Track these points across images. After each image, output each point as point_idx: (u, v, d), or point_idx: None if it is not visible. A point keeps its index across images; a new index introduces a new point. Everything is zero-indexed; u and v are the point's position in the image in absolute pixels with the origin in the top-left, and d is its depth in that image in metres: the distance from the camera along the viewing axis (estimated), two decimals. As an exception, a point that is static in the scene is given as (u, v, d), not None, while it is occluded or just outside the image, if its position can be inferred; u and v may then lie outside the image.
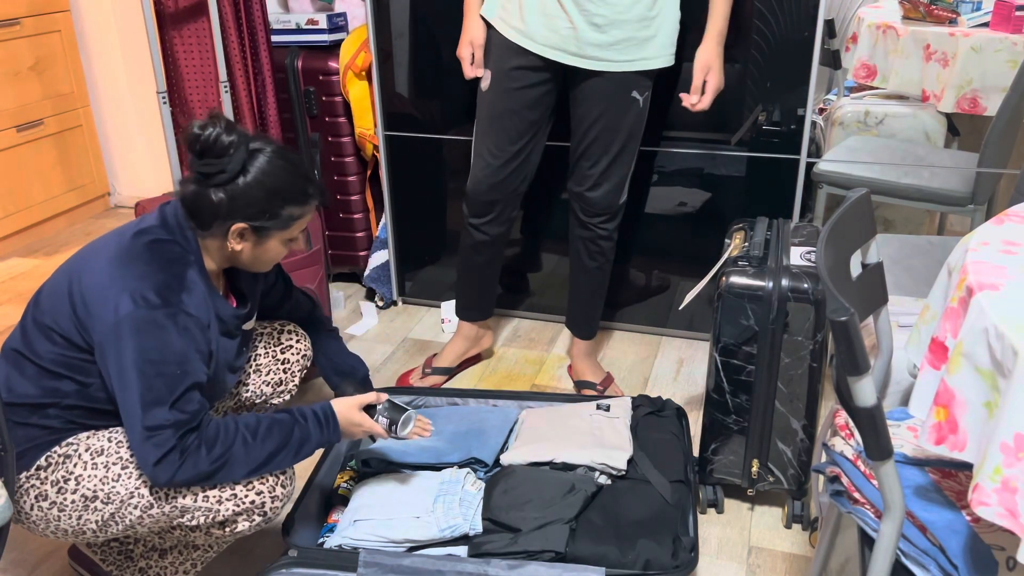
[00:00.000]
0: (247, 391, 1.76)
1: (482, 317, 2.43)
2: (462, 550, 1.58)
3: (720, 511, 1.90)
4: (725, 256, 1.82)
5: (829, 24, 3.12)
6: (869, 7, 3.18)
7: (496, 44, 2.03)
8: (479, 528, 1.58)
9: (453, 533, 1.57)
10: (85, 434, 1.45)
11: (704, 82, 2.00)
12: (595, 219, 2.15)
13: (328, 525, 1.68)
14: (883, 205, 2.94)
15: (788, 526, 1.85)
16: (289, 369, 1.80)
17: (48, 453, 1.44)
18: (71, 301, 1.39)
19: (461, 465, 1.76)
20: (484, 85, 2.08)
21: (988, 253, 1.08)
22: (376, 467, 1.76)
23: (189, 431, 1.36)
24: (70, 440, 1.45)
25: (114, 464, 1.42)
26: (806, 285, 1.69)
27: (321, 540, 1.63)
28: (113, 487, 1.41)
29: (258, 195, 1.41)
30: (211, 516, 1.42)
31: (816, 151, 2.75)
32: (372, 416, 1.60)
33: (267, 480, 1.45)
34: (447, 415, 1.93)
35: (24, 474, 1.43)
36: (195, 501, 1.41)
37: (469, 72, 2.11)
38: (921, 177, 2.54)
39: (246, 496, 1.43)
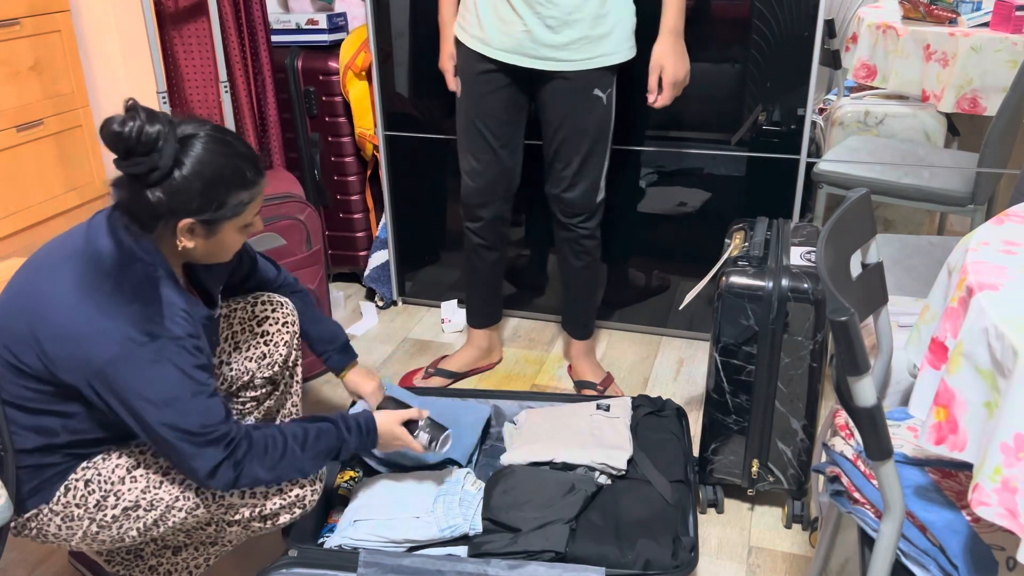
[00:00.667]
0: (230, 371, 1.72)
1: (488, 323, 2.44)
2: (462, 550, 1.58)
3: (720, 511, 1.90)
4: (725, 256, 1.82)
5: (829, 24, 3.12)
6: (869, 7, 3.18)
7: (462, 52, 2.07)
8: (479, 528, 1.58)
9: (453, 533, 1.57)
10: (98, 458, 1.42)
11: (661, 79, 1.98)
12: (574, 219, 2.16)
13: (328, 525, 1.68)
14: (883, 205, 2.94)
15: (788, 526, 1.85)
16: (271, 340, 1.74)
17: (66, 481, 1.40)
18: (36, 343, 1.28)
19: (436, 467, 1.77)
20: (459, 93, 2.12)
21: (988, 253, 1.08)
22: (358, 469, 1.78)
23: (230, 441, 1.35)
24: (85, 465, 1.41)
25: (153, 474, 1.41)
26: (806, 285, 1.69)
27: (321, 540, 1.63)
28: (156, 494, 1.41)
29: (198, 187, 1.28)
30: (256, 510, 1.45)
31: (816, 151, 2.75)
32: (412, 432, 1.63)
33: (308, 474, 1.49)
34: (421, 407, 1.94)
35: (45, 506, 1.39)
36: (243, 498, 1.43)
37: (453, 84, 2.15)
38: (921, 177, 2.54)
39: (291, 491, 1.46)
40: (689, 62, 1.98)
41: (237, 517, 1.45)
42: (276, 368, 1.78)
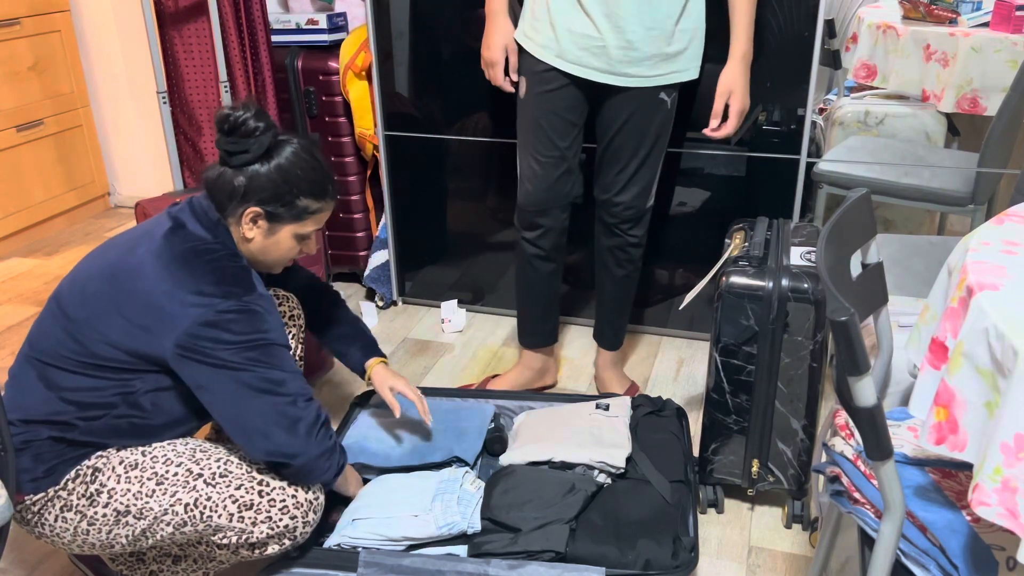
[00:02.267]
0: None
1: (545, 343, 2.29)
2: (461, 549, 1.58)
3: (720, 511, 1.90)
4: (725, 256, 1.82)
5: (829, 24, 3.12)
6: (869, 7, 3.18)
7: (526, 57, 1.99)
8: (477, 526, 1.58)
9: (451, 531, 1.57)
10: (112, 449, 1.45)
11: (727, 105, 1.94)
12: (624, 225, 2.09)
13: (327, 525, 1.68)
14: (883, 205, 2.94)
15: (788, 526, 1.86)
16: None
17: (78, 467, 1.43)
18: (121, 315, 1.38)
19: (443, 464, 1.77)
20: (522, 92, 2.02)
21: (988, 253, 1.08)
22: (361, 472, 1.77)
23: (312, 402, 1.46)
24: (101, 453, 1.44)
25: (148, 479, 1.41)
26: (806, 285, 1.69)
27: (322, 540, 1.63)
28: (147, 503, 1.40)
29: (275, 179, 1.43)
30: (243, 537, 1.42)
31: (816, 151, 2.75)
32: None
33: (301, 505, 1.45)
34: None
35: (52, 488, 1.42)
36: (230, 522, 1.41)
37: (501, 80, 2.03)
38: (921, 177, 2.54)
39: (280, 520, 1.43)
40: (748, 90, 1.97)
41: (225, 541, 1.43)
42: None
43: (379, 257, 2.85)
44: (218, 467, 1.43)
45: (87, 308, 1.40)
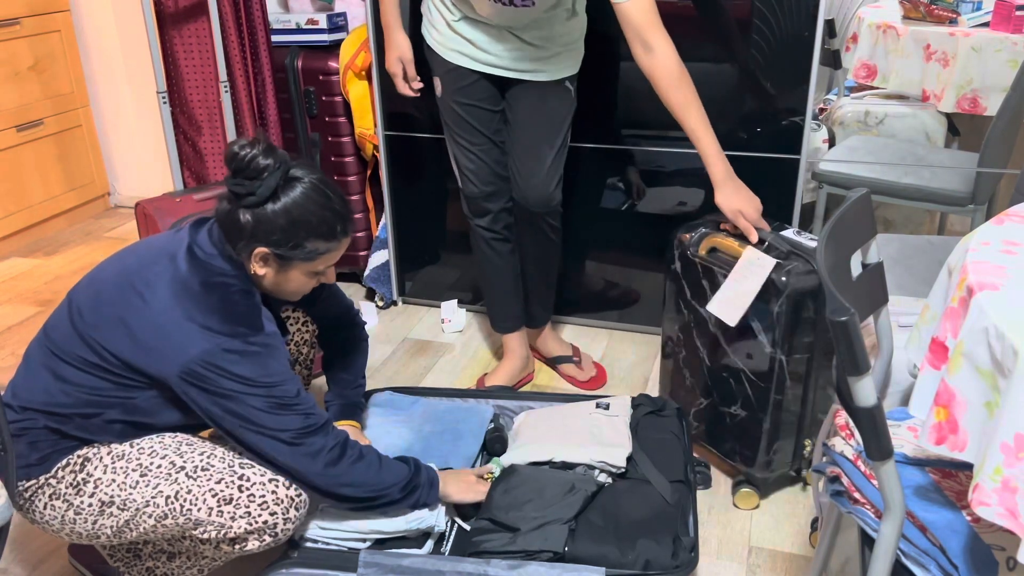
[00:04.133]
0: None
1: (519, 325, 2.37)
2: (424, 550, 1.58)
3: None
4: (745, 259, 1.78)
5: (829, 24, 3.12)
6: (869, 7, 3.19)
7: (436, 59, 2.08)
8: (442, 526, 1.58)
9: (419, 525, 1.57)
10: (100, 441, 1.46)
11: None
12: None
13: None
14: (883, 205, 2.94)
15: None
16: (291, 340, 1.80)
17: (69, 456, 1.44)
18: (127, 329, 1.38)
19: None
20: (439, 91, 2.12)
21: (988, 253, 1.08)
22: None
23: (330, 429, 1.46)
24: (93, 443, 1.45)
25: (133, 471, 1.42)
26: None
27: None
28: (130, 494, 1.41)
29: (282, 223, 1.40)
30: (223, 532, 1.41)
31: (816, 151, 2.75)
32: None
33: (281, 502, 1.44)
34: (423, 413, 1.94)
35: (43, 476, 1.43)
36: (209, 516, 1.40)
37: (404, 88, 2.16)
38: (921, 177, 2.54)
39: (259, 516, 1.42)
40: (750, 191, 1.89)
41: (205, 535, 1.42)
42: (296, 367, 1.79)
43: (379, 257, 2.85)
44: (201, 460, 1.43)
45: (97, 313, 1.41)
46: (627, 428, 1.83)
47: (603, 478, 1.71)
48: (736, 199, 1.85)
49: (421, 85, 2.16)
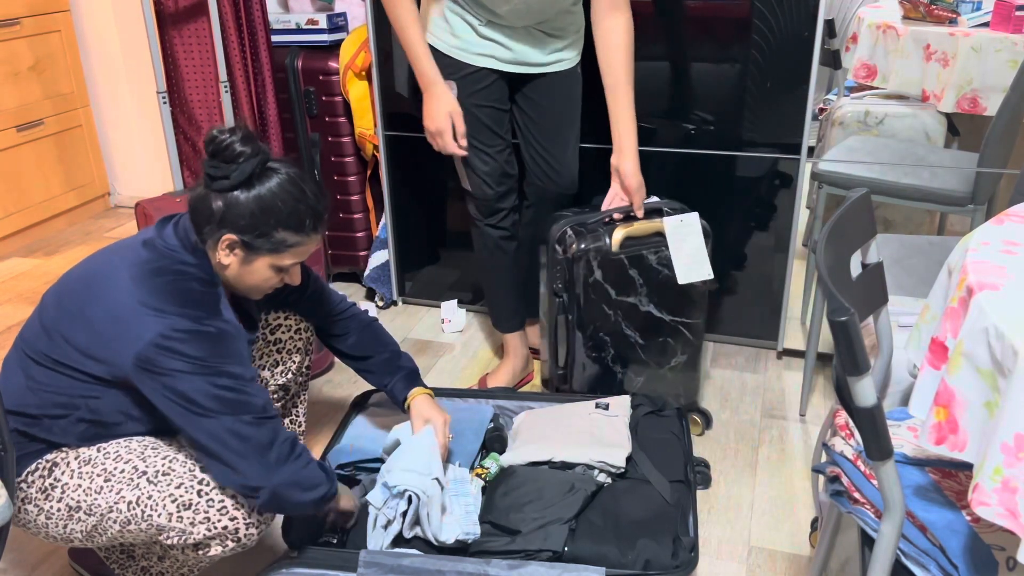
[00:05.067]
0: None
1: (523, 324, 2.39)
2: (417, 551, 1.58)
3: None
4: (671, 225, 1.87)
5: (829, 24, 3.12)
6: (869, 7, 3.18)
7: (449, 63, 2.05)
8: (477, 533, 1.57)
9: (463, 539, 1.56)
10: (67, 448, 1.45)
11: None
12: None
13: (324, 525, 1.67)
14: (883, 205, 2.94)
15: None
16: (283, 348, 1.78)
17: (39, 460, 1.43)
18: (86, 321, 1.37)
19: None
20: (454, 94, 2.10)
21: (988, 253, 1.08)
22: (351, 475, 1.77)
23: (279, 423, 1.41)
24: (61, 447, 1.44)
25: (98, 476, 1.41)
26: None
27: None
28: (95, 499, 1.40)
29: (252, 209, 1.39)
30: (184, 538, 1.38)
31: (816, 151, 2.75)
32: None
33: (242, 506, 1.41)
34: None
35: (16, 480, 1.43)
36: (169, 521, 1.37)
37: (452, 146, 2.05)
38: (921, 177, 2.54)
39: (219, 521, 1.39)
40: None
41: (169, 541, 1.39)
42: (290, 375, 1.79)
43: (379, 257, 2.85)
44: (163, 465, 1.41)
45: (60, 308, 1.41)
46: (627, 428, 1.83)
47: (603, 478, 1.71)
48: (639, 172, 2.04)
49: (465, 142, 2.08)
